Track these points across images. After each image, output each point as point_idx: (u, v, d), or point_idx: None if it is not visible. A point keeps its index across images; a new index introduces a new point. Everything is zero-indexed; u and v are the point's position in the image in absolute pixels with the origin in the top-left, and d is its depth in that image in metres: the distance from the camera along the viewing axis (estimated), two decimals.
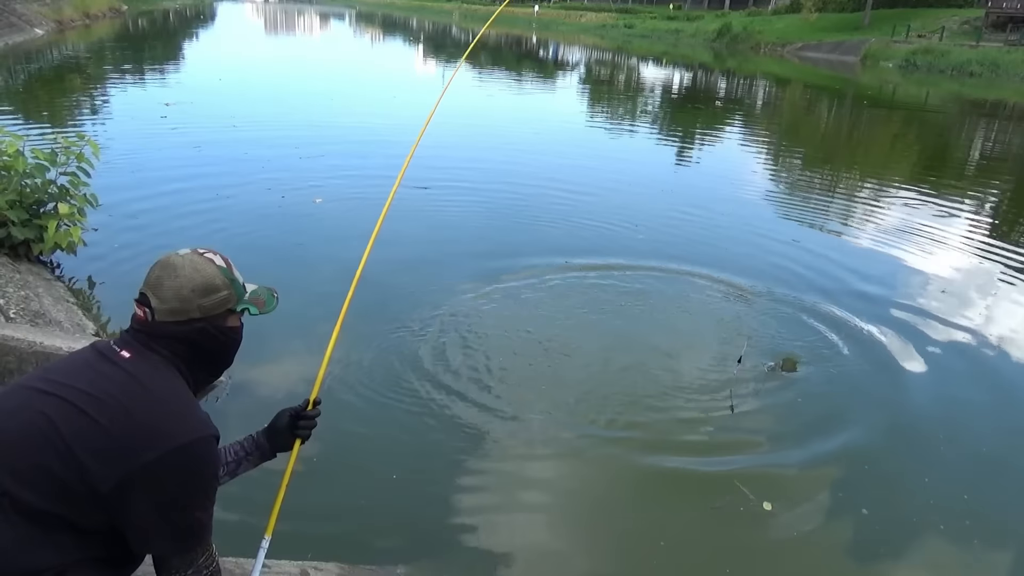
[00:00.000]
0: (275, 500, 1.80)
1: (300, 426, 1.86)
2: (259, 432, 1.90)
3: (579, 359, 4.48)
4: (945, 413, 4.14)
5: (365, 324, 4.56)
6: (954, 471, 3.60)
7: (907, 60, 32.31)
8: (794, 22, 42.89)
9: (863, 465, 3.59)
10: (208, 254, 1.59)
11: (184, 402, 1.52)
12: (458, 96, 18.65)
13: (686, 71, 32.03)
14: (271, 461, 1.91)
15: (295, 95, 15.94)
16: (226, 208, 7.04)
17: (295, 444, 1.86)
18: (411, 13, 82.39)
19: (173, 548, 1.47)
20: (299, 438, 1.86)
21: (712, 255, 6.51)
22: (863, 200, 9.61)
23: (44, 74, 16.79)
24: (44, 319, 3.92)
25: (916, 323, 5.30)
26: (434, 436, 3.59)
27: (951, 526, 3.21)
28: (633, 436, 3.70)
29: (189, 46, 29.86)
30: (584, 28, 58.54)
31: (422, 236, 6.49)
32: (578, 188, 8.64)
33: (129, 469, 1.39)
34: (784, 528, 3.12)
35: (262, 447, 1.88)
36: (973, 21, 37.20)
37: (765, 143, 14.63)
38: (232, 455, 1.85)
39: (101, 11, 36.82)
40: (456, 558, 2.83)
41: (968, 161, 13.64)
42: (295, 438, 1.86)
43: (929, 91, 26.11)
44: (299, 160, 9.25)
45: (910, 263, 6.73)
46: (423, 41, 46.03)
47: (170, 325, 1.52)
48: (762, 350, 4.67)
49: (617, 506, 3.28)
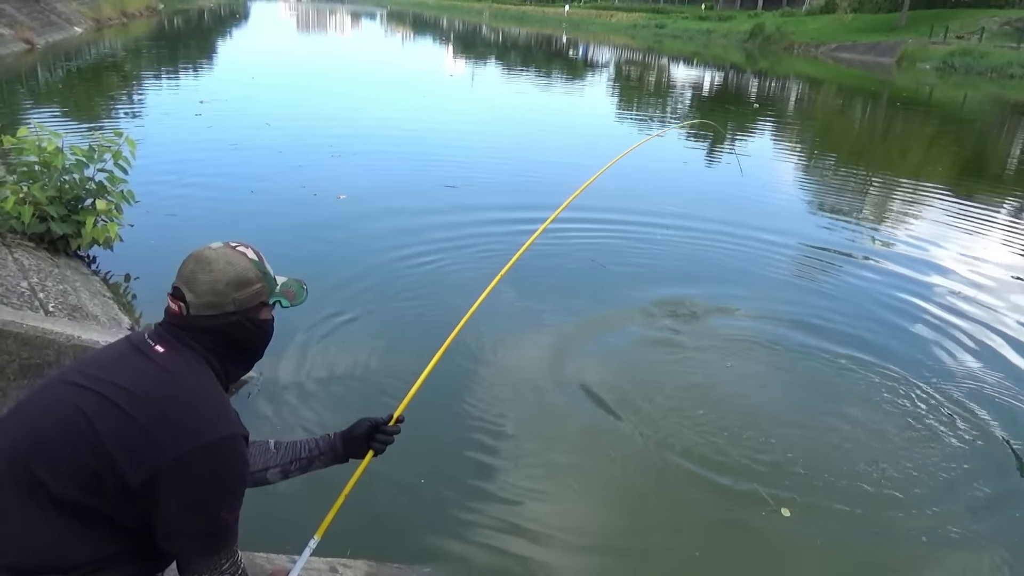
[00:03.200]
0: (334, 504, 1.81)
1: (377, 439, 1.89)
2: (336, 434, 1.92)
3: (616, 367, 4.45)
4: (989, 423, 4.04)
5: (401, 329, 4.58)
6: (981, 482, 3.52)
7: (945, 61, 31.67)
8: (829, 22, 42.29)
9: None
10: (240, 247, 1.60)
11: (215, 399, 1.53)
12: (483, 91, 18.68)
13: (718, 71, 31.74)
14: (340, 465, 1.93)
15: (327, 94, 16.08)
16: (261, 205, 7.12)
17: (368, 454, 1.88)
18: (442, 12, 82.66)
19: (196, 548, 1.47)
20: (373, 450, 1.89)
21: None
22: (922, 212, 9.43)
23: (82, 72, 17.11)
24: (81, 313, 3.99)
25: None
26: (462, 442, 3.59)
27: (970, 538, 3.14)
28: (666, 442, 3.68)
29: (223, 44, 30.26)
30: (615, 28, 58.28)
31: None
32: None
33: (157, 465, 1.40)
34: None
35: (336, 449, 1.90)
36: (1014, 22, 36.31)
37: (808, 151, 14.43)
38: (306, 451, 1.88)
39: (138, 10, 37.41)
40: (480, 560, 2.83)
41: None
42: (369, 449, 1.89)
43: (967, 93, 25.57)
44: (331, 158, 9.33)
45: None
46: (453, 41, 46.15)
47: (205, 319, 1.53)
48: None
49: (643, 506, 3.26)
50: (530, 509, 3.13)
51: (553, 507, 3.16)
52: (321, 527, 1.81)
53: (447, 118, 13.91)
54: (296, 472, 1.87)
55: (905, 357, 4.70)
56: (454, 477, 3.29)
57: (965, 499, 3.37)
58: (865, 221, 8.46)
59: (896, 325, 5.27)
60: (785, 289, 5.86)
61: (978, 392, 4.33)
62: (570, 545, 2.96)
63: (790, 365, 4.59)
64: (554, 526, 3.04)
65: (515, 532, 2.98)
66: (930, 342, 5.01)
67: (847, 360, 4.60)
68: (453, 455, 3.46)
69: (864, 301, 5.68)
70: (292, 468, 1.88)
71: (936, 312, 5.55)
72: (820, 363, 4.59)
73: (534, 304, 5.18)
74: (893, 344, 4.92)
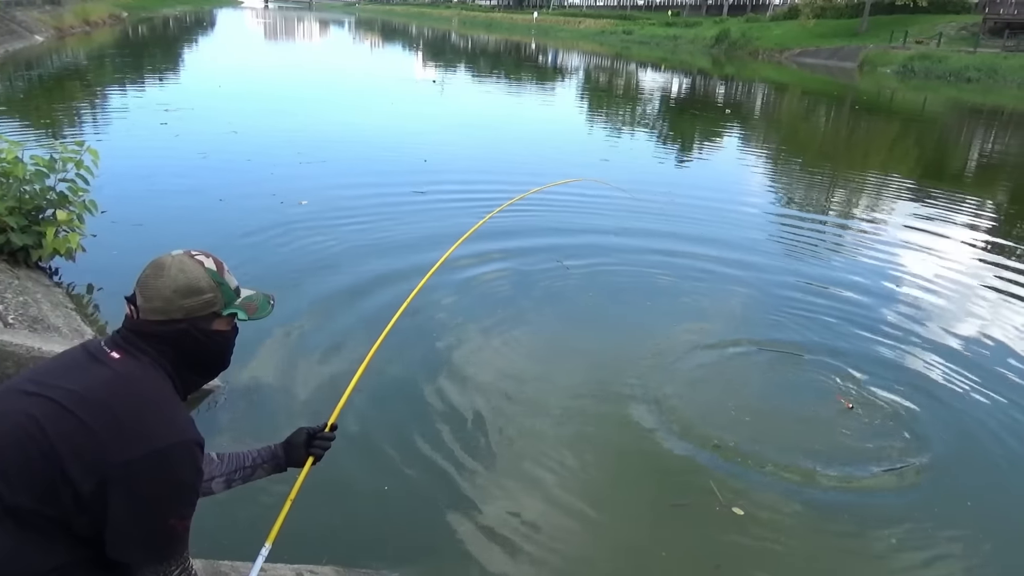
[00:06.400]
0: (281, 510, 1.85)
1: (315, 445, 1.94)
2: (277, 444, 1.96)
3: (568, 363, 4.50)
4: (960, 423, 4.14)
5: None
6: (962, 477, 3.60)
7: (905, 66, 32.41)
8: (792, 28, 43.01)
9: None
10: (199, 256, 1.59)
11: (168, 405, 1.51)
12: (453, 101, 18.74)
13: (685, 77, 32.12)
14: (282, 474, 1.99)
15: (295, 101, 15.97)
16: (230, 213, 7.05)
17: (308, 461, 1.93)
18: (410, 19, 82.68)
19: (145, 556, 1.45)
20: (313, 456, 1.94)
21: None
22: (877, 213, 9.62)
23: (44, 81, 16.83)
24: (42, 325, 3.92)
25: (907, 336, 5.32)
26: (429, 445, 3.59)
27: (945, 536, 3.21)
28: (623, 436, 3.71)
29: (189, 53, 29.94)
30: (583, 34, 58.72)
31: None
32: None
33: (106, 469, 1.38)
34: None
35: (277, 458, 1.95)
36: (970, 27, 37.32)
37: (770, 153, 14.66)
38: (249, 461, 1.91)
39: (101, 18, 36.92)
40: (447, 562, 2.83)
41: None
42: (309, 455, 1.93)
43: (927, 97, 26.18)
44: (299, 166, 9.26)
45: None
46: (422, 48, 46.16)
47: (153, 324, 1.52)
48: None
49: (604, 505, 3.27)
50: (495, 511, 3.13)
51: (518, 508, 3.16)
52: (271, 533, 1.82)
53: (416, 124, 13.90)
54: (239, 481, 1.90)
55: (860, 356, 4.79)
56: (418, 482, 3.29)
57: (922, 499, 3.43)
58: (826, 220, 8.61)
59: (851, 322, 5.36)
60: (740, 286, 5.95)
61: (934, 390, 4.43)
62: (536, 545, 2.96)
63: (747, 364, 4.65)
64: (519, 527, 3.05)
65: (481, 534, 2.98)
66: (886, 338, 5.12)
67: (810, 359, 4.68)
68: (416, 460, 3.45)
69: (822, 299, 5.78)
70: (235, 477, 1.90)
71: (894, 309, 5.67)
72: (776, 362, 4.67)
73: (497, 307, 5.22)
74: (845, 342, 5.01)
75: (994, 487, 3.56)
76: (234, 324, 1.66)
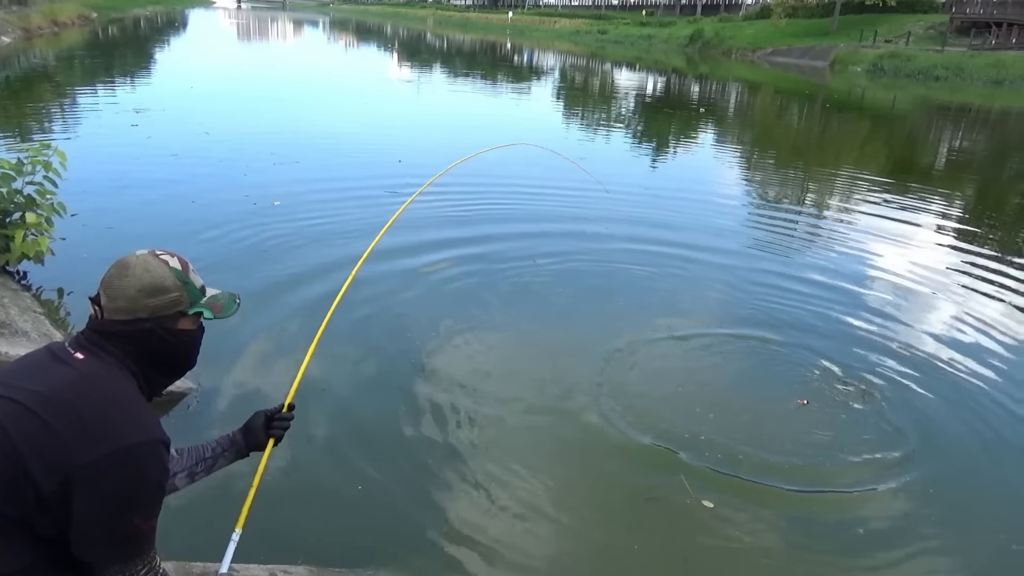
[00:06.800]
0: (247, 495, 1.86)
1: (274, 426, 1.94)
2: (235, 431, 1.96)
3: (536, 358, 4.53)
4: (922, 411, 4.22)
5: (342, 335, 4.56)
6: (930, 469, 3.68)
7: (875, 65, 32.92)
8: (764, 28, 43.47)
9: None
10: (164, 255, 1.59)
11: (133, 404, 1.51)
12: (425, 95, 18.70)
13: (660, 76, 32.33)
14: (244, 460, 1.99)
15: (269, 102, 15.85)
16: (202, 214, 6.97)
17: (268, 443, 1.93)
18: (385, 19, 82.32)
19: (110, 556, 1.45)
20: (272, 437, 1.94)
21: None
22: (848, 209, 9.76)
23: (11, 83, 16.53)
24: (10, 330, 3.87)
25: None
26: (403, 442, 3.60)
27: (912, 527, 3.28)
28: (593, 432, 3.75)
29: (160, 53, 29.54)
30: (558, 34, 58.88)
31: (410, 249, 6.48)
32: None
33: (71, 469, 1.37)
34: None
35: (237, 444, 1.94)
36: (938, 26, 37.98)
37: (743, 152, 14.81)
38: (209, 451, 1.91)
39: (70, 19, 36.32)
40: (422, 563, 2.84)
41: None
42: (269, 437, 1.94)
43: (896, 95, 26.59)
44: (273, 167, 9.20)
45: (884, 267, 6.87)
46: (397, 48, 45.98)
47: (118, 324, 1.52)
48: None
49: (578, 505, 3.30)
50: (466, 508, 3.15)
51: (489, 506, 3.18)
52: (240, 519, 1.83)
53: (392, 123, 13.86)
54: (202, 473, 1.90)
55: (832, 348, 4.87)
56: (390, 482, 3.29)
57: (892, 489, 3.49)
58: (799, 215, 8.74)
59: (823, 315, 5.45)
60: (711, 281, 6.02)
61: (904, 381, 4.52)
62: (508, 542, 2.98)
63: (717, 358, 4.71)
64: (491, 525, 3.06)
65: (454, 532, 2.99)
66: (858, 330, 5.21)
67: (780, 351, 4.75)
68: (387, 460, 3.45)
69: (794, 292, 5.86)
70: (198, 470, 1.89)
71: (867, 301, 5.77)
72: (746, 354, 4.74)
73: (464, 303, 5.25)
74: (817, 334, 5.09)
75: (964, 475, 3.62)
76: (200, 323, 1.67)
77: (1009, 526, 3.27)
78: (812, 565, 3.02)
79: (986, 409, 4.23)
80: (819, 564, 3.02)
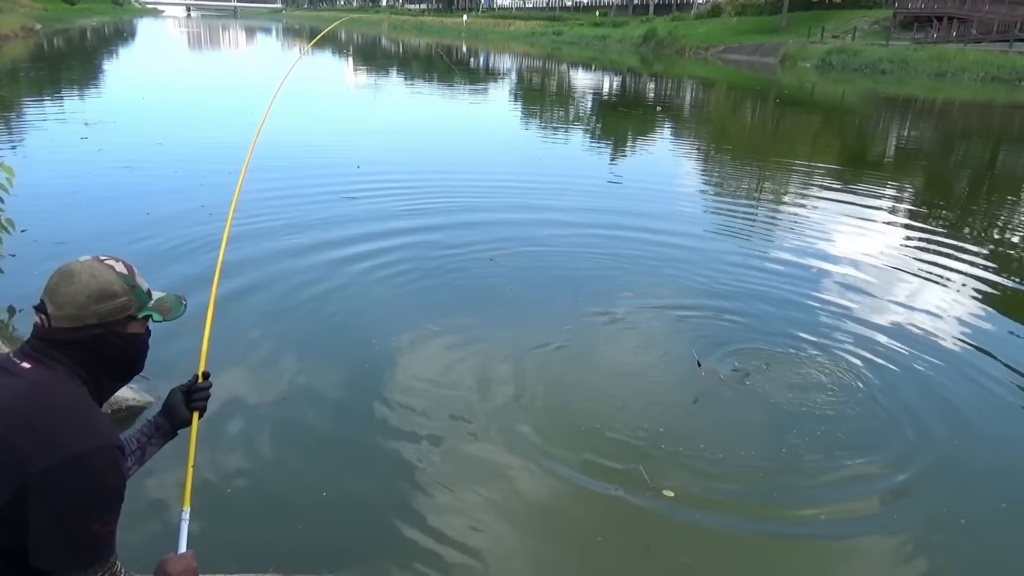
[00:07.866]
0: (186, 472, 1.83)
1: (194, 399, 1.90)
2: (156, 415, 1.91)
3: (492, 352, 4.56)
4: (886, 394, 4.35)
5: (301, 340, 4.54)
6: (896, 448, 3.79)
7: (823, 60, 33.69)
8: (716, 26, 44.21)
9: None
10: (109, 260, 1.58)
11: (85, 410, 1.50)
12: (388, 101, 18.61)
13: (616, 75, 32.64)
14: (174, 441, 1.95)
15: (222, 111, 15.62)
16: (156, 228, 6.84)
17: (194, 417, 1.90)
18: (339, 25, 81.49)
19: (68, 563, 1.44)
20: (196, 410, 1.90)
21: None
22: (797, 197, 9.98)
23: None
24: None
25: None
26: (363, 450, 3.61)
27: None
28: (552, 427, 3.79)
29: (109, 64, 28.91)
30: (513, 36, 59.08)
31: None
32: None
33: (25, 478, 1.36)
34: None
35: (162, 427, 1.89)
36: (882, 21, 39.03)
37: (698, 148, 15.03)
38: (136, 443, 1.85)
39: (12, 30, 35.39)
40: (389, 565, 2.85)
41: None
42: (192, 411, 1.90)
43: (845, 89, 27.24)
44: (229, 176, 9.06)
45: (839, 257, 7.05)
46: (352, 54, 45.64)
47: (67, 331, 1.51)
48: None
49: (542, 502, 3.33)
50: (430, 509, 3.16)
51: (454, 506, 3.20)
52: (185, 497, 1.82)
53: (349, 128, 13.78)
54: (136, 466, 1.85)
55: (787, 334, 5.00)
56: (355, 487, 3.30)
57: (850, 473, 3.59)
58: (756, 206, 8.91)
59: (782, 306, 5.58)
60: (666, 274, 6.12)
61: (859, 363, 4.65)
62: (474, 540, 3.01)
63: (671, 349, 4.78)
64: (455, 524, 3.08)
65: (419, 534, 3.01)
66: (812, 313, 5.35)
67: (738, 339, 4.85)
68: (352, 466, 3.46)
69: (751, 285, 5.99)
70: (131, 463, 1.84)
71: (819, 294, 5.92)
72: (701, 343, 4.79)
73: (420, 302, 5.27)
74: (775, 322, 5.22)
75: (921, 461, 3.69)
76: (147, 327, 1.66)
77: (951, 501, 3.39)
78: (774, 542, 3.10)
79: (937, 383, 4.40)
80: (784, 544, 3.10)
